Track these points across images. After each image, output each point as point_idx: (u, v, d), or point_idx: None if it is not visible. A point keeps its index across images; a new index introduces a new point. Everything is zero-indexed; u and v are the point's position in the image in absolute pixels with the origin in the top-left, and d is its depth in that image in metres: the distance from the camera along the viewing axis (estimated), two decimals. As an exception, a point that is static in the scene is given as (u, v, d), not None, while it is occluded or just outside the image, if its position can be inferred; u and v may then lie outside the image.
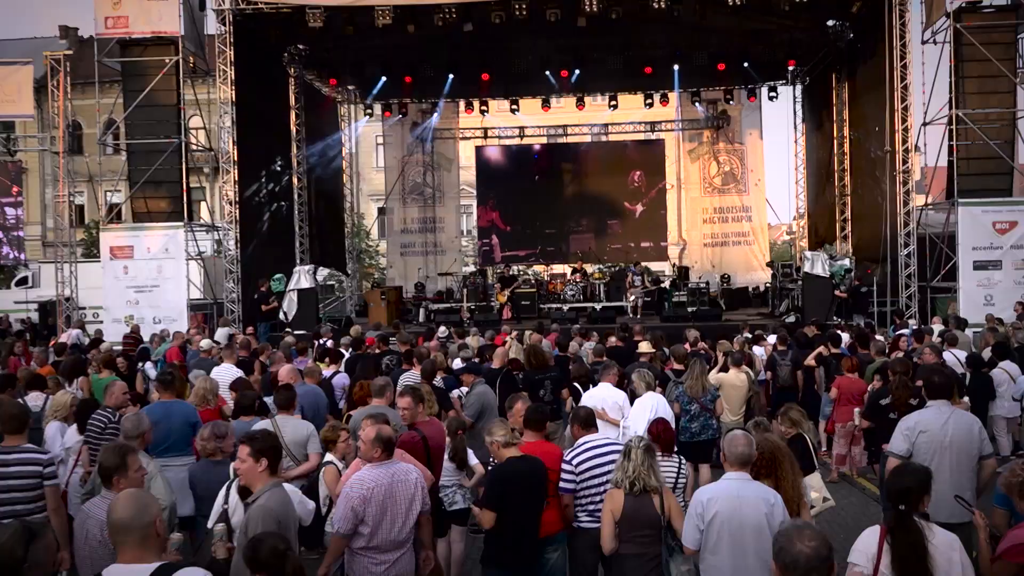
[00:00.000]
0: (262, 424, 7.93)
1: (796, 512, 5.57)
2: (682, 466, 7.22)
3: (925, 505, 4.81)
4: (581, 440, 6.83)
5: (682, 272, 29.25)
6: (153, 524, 3.90)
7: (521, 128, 32.97)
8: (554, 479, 6.60)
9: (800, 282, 22.83)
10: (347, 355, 14.01)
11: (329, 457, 7.37)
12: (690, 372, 10.84)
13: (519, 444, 6.49)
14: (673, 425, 8.96)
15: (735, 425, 11.38)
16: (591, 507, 6.52)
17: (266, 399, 9.46)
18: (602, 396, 9.81)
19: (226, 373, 11.61)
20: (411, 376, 10.77)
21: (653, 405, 9.22)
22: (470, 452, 7.92)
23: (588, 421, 7.02)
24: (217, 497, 6.06)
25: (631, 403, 9.71)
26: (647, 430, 7.50)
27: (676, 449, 7.80)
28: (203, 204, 34.20)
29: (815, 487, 7.34)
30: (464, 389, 10.50)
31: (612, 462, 6.34)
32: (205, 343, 14.44)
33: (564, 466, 6.63)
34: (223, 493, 6.00)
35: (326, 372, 12.24)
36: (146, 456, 6.76)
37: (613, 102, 30.70)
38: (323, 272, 32.67)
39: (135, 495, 4.05)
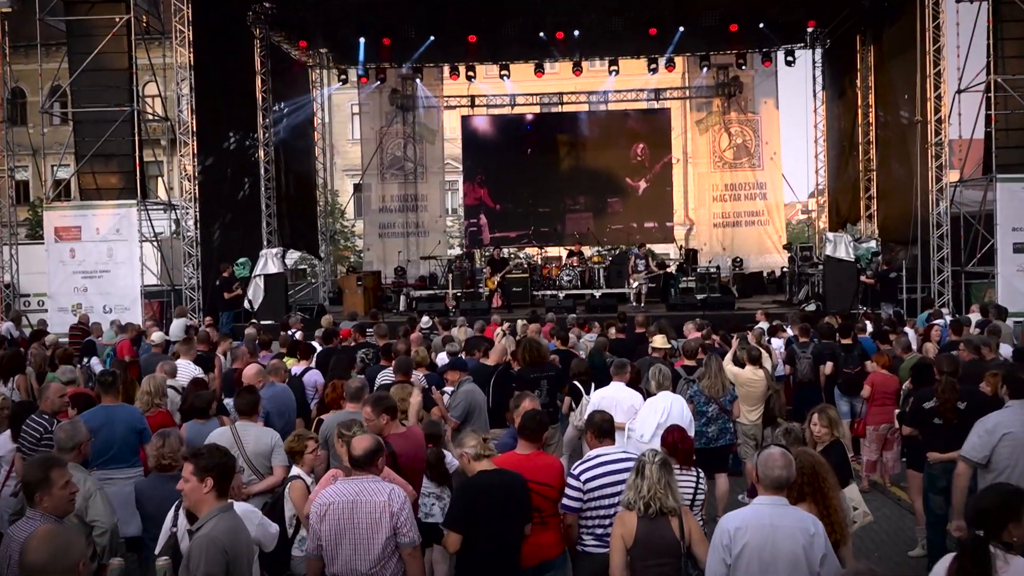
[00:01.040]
0: (219, 431, 7.64)
1: (842, 538, 5.26)
2: (700, 480, 6.92)
3: (1013, 534, 4.45)
4: (594, 452, 6.56)
5: (690, 255, 29.18)
6: (76, 569, 3.53)
7: (512, 96, 32.68)
8: (551, 495, 6.35)
9: (821, 267, 22.78)
10: (319, 349, 13.62)
11: (296, 471, 7.03)
12: (707, 369, 10.53)
13: (493, 456, 6.23)
14: (690, 431, 8.69)
15: (753, 428, 11.18)
16: (599, 530, 6.24)
17: (227, 400, 9.15)
18: (615, 398, 9.49)
19: (182, 371, 11.21)
20: (391, 374, 10.42)
21: (665, 407, 8.92)
22: (451, 461, 7.56)
23: (604, 430, 6.70)
24: (166, 519, 5.73)
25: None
26: (661, 438, 7.15)
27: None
28: (160, 180, 33.70)
29: (854, 500, 7.08)
30: (450, 389, 10.14)
31: (626, 480, 6.00)
32: (157, 336, 14.06)
33: (569, 480, 6.39)
34: (171, 516, 5.68)
35: (295, 368, 11.88)
36: (82, 470, 6.44)
37: (613, 67, 30.39)
38: (293, 255, 32.38)
39: (53, 534, 3.70)
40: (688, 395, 10.29)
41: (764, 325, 16.34)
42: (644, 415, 8.94)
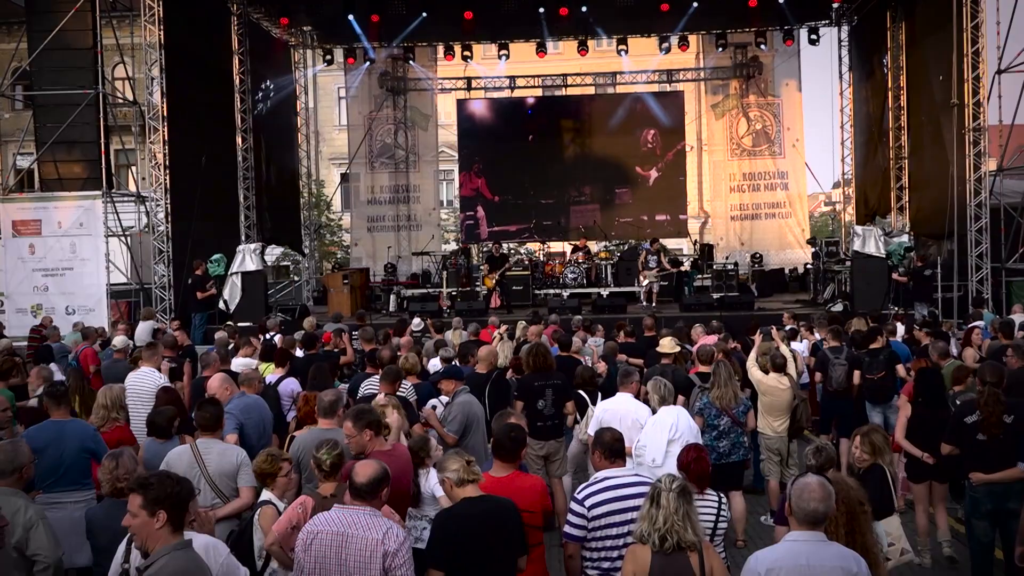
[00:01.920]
0: (179, 449, 7.37)
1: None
2: (723, 506, 6.63)
3: None
4: (601, 474, 6.30)
5: (705, 251, 29.09)
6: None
7: (511, 78, 32.43)
8: (534, 522, 6.17)
9: (848, 263, 22.67)
10: (299, 355, 13.33)
11: (266, 495, 6.75)
12: (715, 378, 10.26)
13: (479, 481, 5.95)
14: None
15: (778, 441, 10.90)
16: (605, 564, 6.00)
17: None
18: (619, 411, 9.25)
19: (145, 380, 10.89)
20: (377, 383, 10.10)
21: (673, 423, 8.66)
22: (435, 482, 7.22)
23: (615, 450, 6.43)
24: (117, 552, 5.47)
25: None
26: (677, 460, 6.84)
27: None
28: (132, 170, 33.49)
29: (893, 535, 6.89)
30: (444, 399, 9.82)
31: (639, 507, 5.70)
32: (119, 340, 13.73)
33: (572, 506, 6.17)
34: (123, 549, 5.42)
35: (270, 377, 11.58)
36: (23, 496, 6.15)
37: (622, 46, 30.24)
38: (274, 251, 32.25)
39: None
40: (697, 407, 10.00)
41: (791, 327, 16.13)
42: (650, 435, 8.64)
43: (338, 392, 8.06)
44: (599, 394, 11.05)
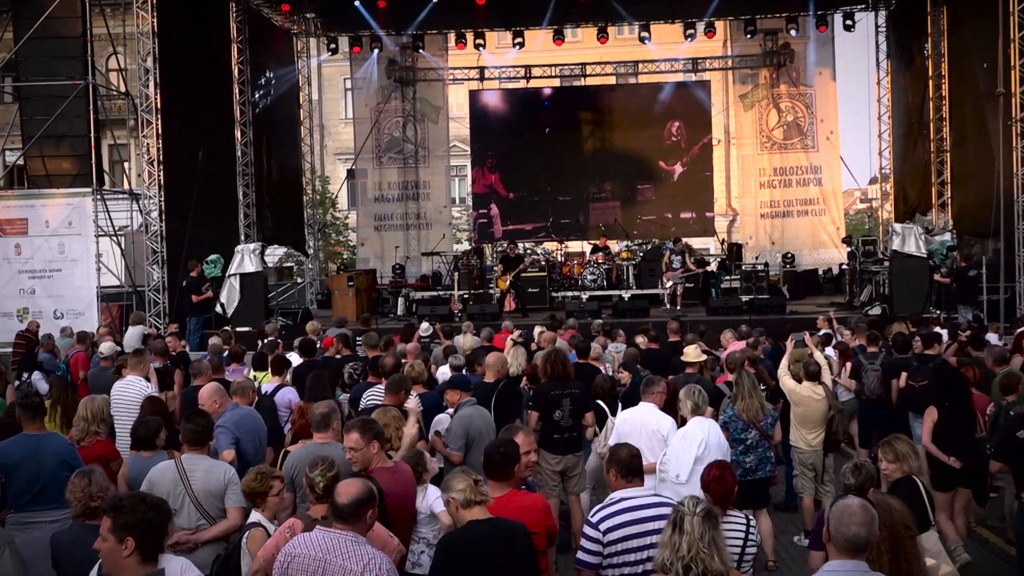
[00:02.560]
0: (162, 466, 7.20)
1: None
2: (751, 529, 6.44)
3: None
4: (617, 494, 6.15)
5: (733, 250, 28.96)
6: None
7: (527, 68, 32.43)
8: (538, 544, 6.00)
9: (887, 263, 22.52)
10: (297, 362, 13.14)
11: (255, 517, 6.58)
12: (738, 388, 10.06)
13: (488, 502, 5.77)
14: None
15: (813, 455, 10.74)
16: (622, 594, 5.82)
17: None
18: (640, 422, 9.06)
19: (131, 389, 10.75)
20: (380, 393, 9.92)
21: (702, 437, 8.43)
22: (436, 499, 7.03)
23: (632, 468, 6.27)
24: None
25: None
26: (700, 479, 6.64)
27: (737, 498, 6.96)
28: (122, 166, 33.51)
29: (931, 551, 6.65)
30: (452, 411, 9.61)
31: (659, 531, 5.54)
32: (106, 347, 13.63)
33: (586, 530, 6.03)
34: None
35: (266, 386, 11.42)
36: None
37: (644, 33, 30.02)
38: (277, 252, 32.19)
39: None
40: (722, 421, 9.77)
41: (826, 331, 15.93)
42: (677, 449, 8.44)
43: (331, 404, 7.84)
44: (619, 405, 10.85)
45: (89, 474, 6.14)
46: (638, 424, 9.03)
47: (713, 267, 27.25)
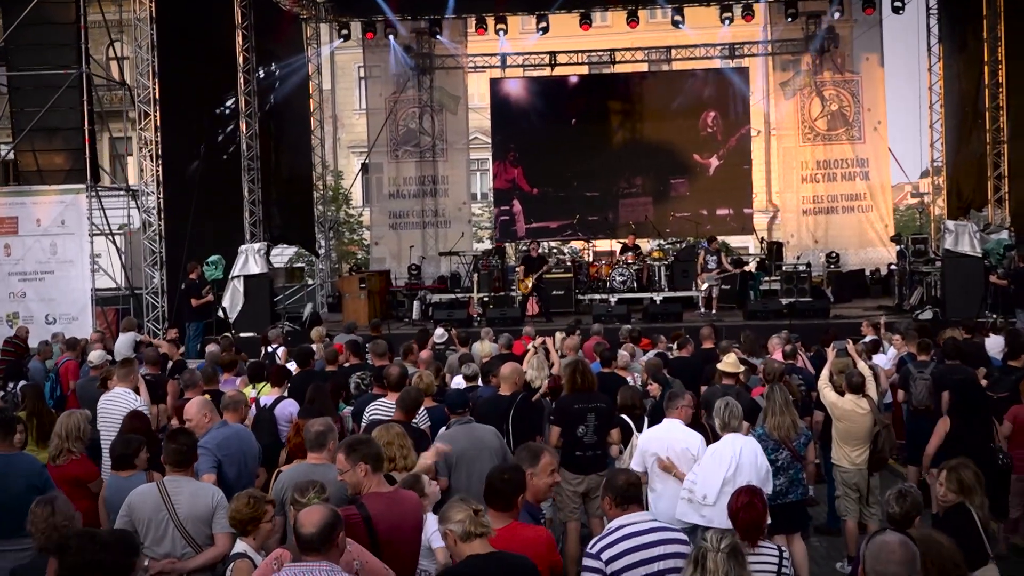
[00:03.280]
0: (143, 489, 7.08)
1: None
2: (784, 562, 6.27)
3: None
4: (615, 523, 6.09)
5: (773, 249, 28.77)
6: None
7: (552, 54, 32.45)
8: None
9: (939, 264, 22.35)
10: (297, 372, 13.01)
11: (241, 546, 6.43)
12: (769, 404, 9.80)
13: (489, 534, 5.60)
14: (767, 488, 8.17)
15: (856, 474, 10.55)
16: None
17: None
18: (666, 441, 8.90)
19: (119, 402, 10.62)
20: (385, 407, 9.75)
21: (733, 455, 8.30)
22: (435, 532, 6.81)
23: (627, 495, 6.20)
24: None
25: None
26: (728, 507, 6.47)
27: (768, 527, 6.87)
28: (128, 161, 33.62)
29: None
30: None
31: (665, 557, 5.59)
32: (95, 355, 13.49)
33: (587, 562, 6.03)
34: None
35: (265, 398, 11.26)
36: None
37: (678, 17, 29.98)
38: (286, 252, 32.07)
39: None
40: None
41: (871, 337, 15.71)
42: (706, 468, 8.32)
43: (327, 421, 7.65)
44: (646, 420, 10.65)
45: (51, 502, 6.03)
46: (664, 444, 8.88)
47: (751, 267, 27.10)
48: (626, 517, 6.06)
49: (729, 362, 11.73)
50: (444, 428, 9.24)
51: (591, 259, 28.48)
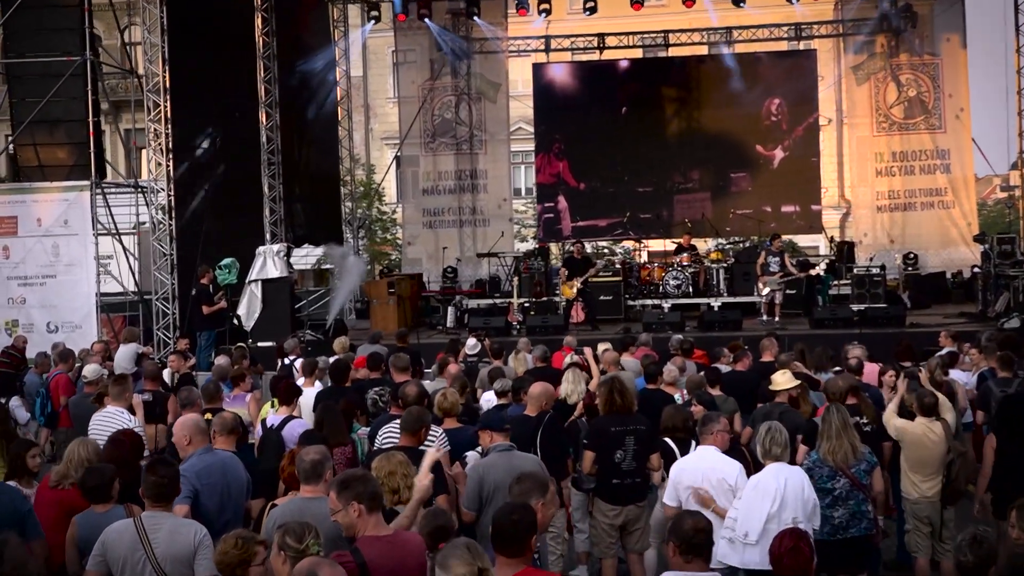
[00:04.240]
0: (118, 525, 6.90)
1: None
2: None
3: None
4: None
5: (844, 250, 28.64)
6: None
7: (600, 36, 32.34)
8: None
9: None
10: (314, 388, 12.82)
11: (228, 592, 6.22)
12: (825, 427, 9.48)
13: None
14: (815, 523, 8.05)
15: (928, 507, 10.27)
16: None
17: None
18: (702, 472, 8.69)
19: (113, 423, 10.49)
20: (397, 431, 9.50)
21: (777, 488, 8.07)
22: None
23: (694, 543, 6.02)
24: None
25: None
26: (769, 550, 6.27)
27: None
28: (141, 155, 33.79)
29: None
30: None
31: None
32: (90, 369, 13.36)
33: None
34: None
35: (272, 418, 11.03)
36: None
37: (739, -6, 29.64)
38: (312, 254, 31.93)
39: None
40: (805, 466, 9.22)
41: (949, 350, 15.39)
42: (748, 502, 8.09)
43: (323, 450, 7.41)
44: (693, 443, 10.35)
45: (2, 547, 5.80)
46: (699, 474, 8.66)
47: (819, 270, 26.74)
48: (686, 573, 5.90)
49: (779, 380, 11.43)
50: (472, 452, 9.03)
51: (643, 261, 28.39)
